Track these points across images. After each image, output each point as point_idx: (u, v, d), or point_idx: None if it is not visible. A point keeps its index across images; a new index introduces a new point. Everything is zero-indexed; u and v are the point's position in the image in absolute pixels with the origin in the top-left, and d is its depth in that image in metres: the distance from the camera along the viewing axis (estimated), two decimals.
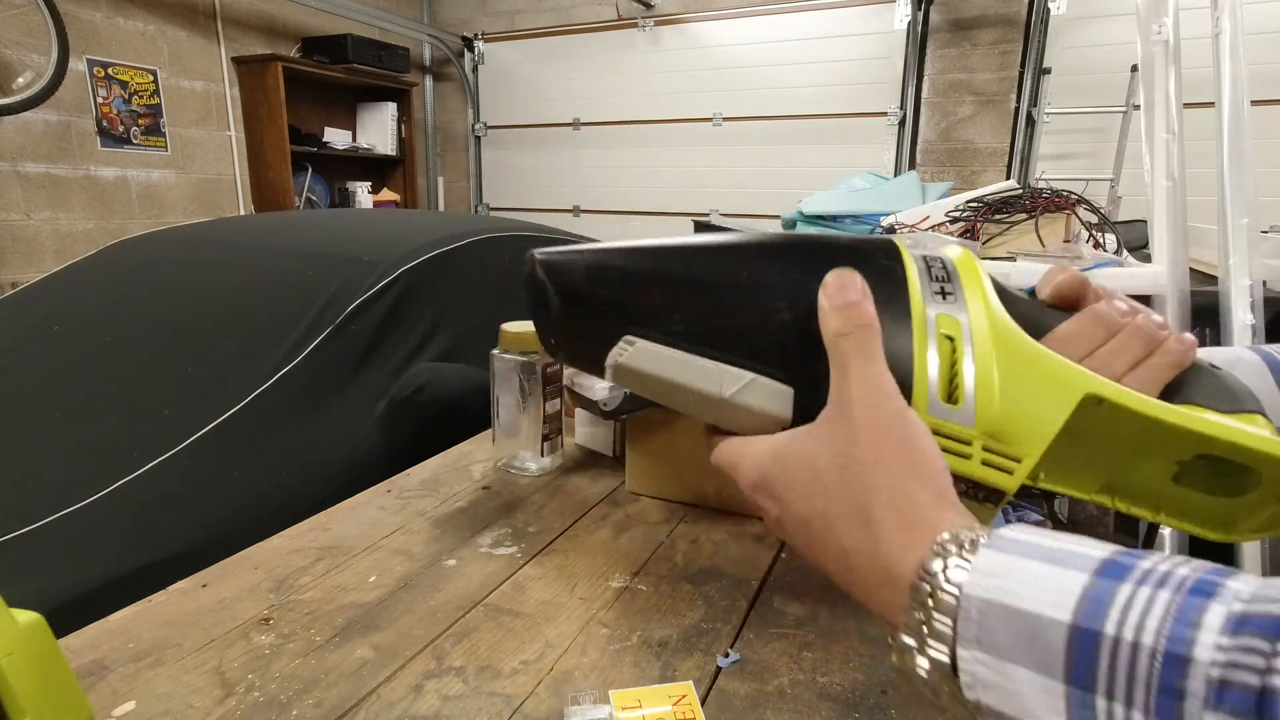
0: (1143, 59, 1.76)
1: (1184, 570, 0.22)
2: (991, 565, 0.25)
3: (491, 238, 1.67)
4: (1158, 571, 0.23)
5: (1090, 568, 0.23)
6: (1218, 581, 0.22)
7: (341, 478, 1.18)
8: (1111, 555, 0.24)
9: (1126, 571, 0.23)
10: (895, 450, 0.30)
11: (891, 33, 4.04)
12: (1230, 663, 0.19)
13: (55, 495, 1.03)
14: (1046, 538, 0.26)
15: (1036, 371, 0.34)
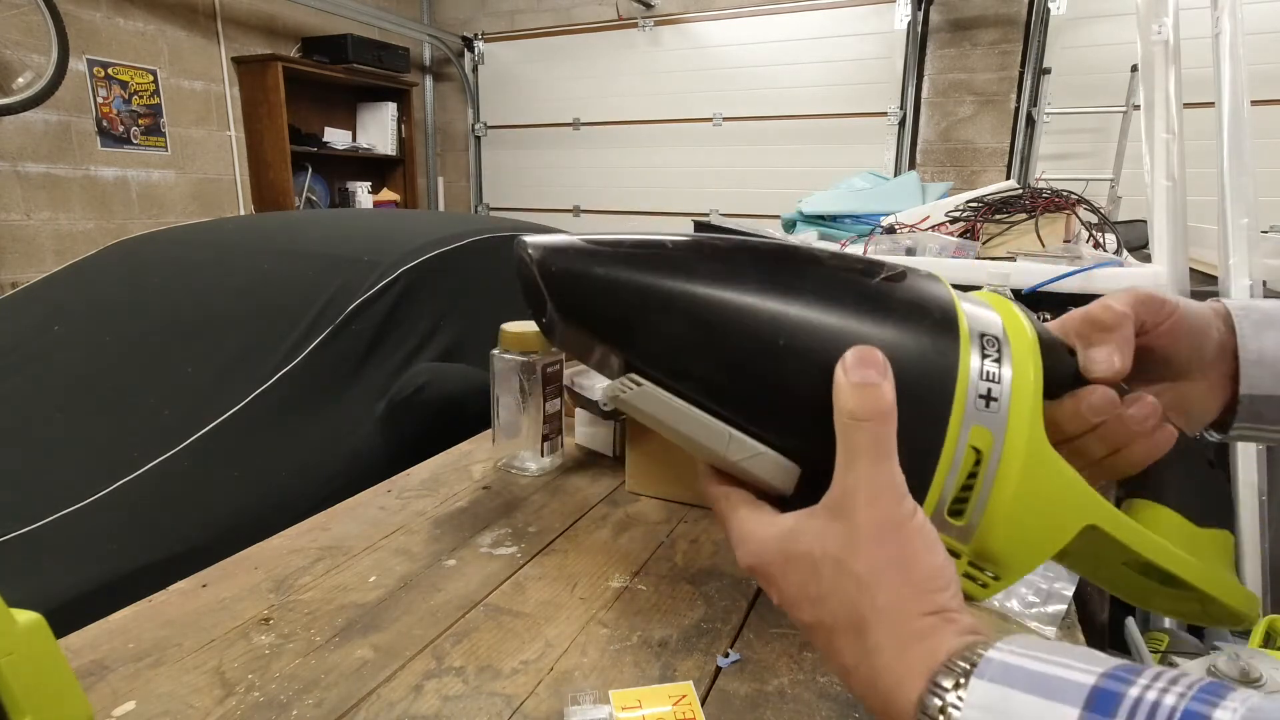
0: (1143, 59, 1.75)
1: (1171, 699, 0.22)
2: (984, 699, 0.25)
3: (491, 238, 1.67)
4: (1146, 703, 0.22)
5: (1080, 700, 0.23)
6: (1206, 714, 0.21)
7: (341, 478, 1.18)
8: (1100, 682, 0.23)
9: (1116, 704, 0.23)
10: (896, 563, 0.29)
11: (891, 33, 4.04)
12: None
13: (55, 495, 1.03)
14: (1036, 659, 0.25)
15: (1049, 499, 0.32)
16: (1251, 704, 0.21)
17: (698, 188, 4.67)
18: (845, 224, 2.00)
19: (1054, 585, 0.70)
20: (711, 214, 4.55)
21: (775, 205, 3.79)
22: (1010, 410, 0.31)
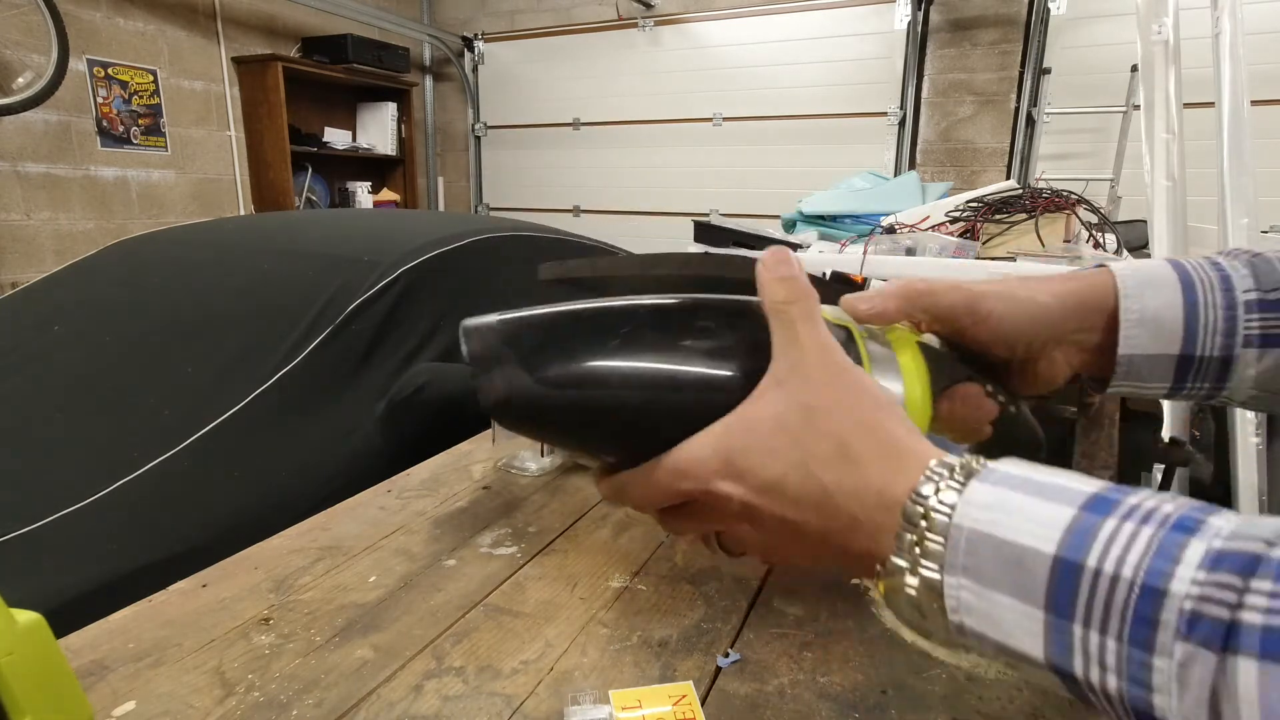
0: (1143, 59, 1.75)
1: (1169, 507, 0.23)
2: (982, 497, 0.26)
3: (491, 238, 1.67)
4: (1143, 507, 0.23)
5: (1078, 502, 0.24)
6: (1200, 519, 0.22)
7: (341, 478, 1.18)
8: (1100, 490, 0.25)
9: (1113, 507, 0.23)
10: (857, 393, 0.31)
11: (891, 33, 4.04)
12: (1204, 596, 0.20)
13: (55, 495, 1.03)
14: (1037, 471, 0.26)
15: None
16: (1244, 517, 0.22)
17: (698, 188, 4.67)
18: (845, 224, 2.00)
19: None
20: (711, 214, 4.55)
21: (775, 205, 3.79)
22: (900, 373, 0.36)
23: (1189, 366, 0.40)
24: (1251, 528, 0.21)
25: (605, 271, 0.93)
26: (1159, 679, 0.21)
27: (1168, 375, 0.41)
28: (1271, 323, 0.39)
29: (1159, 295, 0.40)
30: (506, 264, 1.66)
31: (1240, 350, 0.40)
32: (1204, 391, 0.41)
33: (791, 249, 1.95)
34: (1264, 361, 0.40)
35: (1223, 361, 0.40)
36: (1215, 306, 0.39)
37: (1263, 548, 0.20)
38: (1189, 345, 0.40)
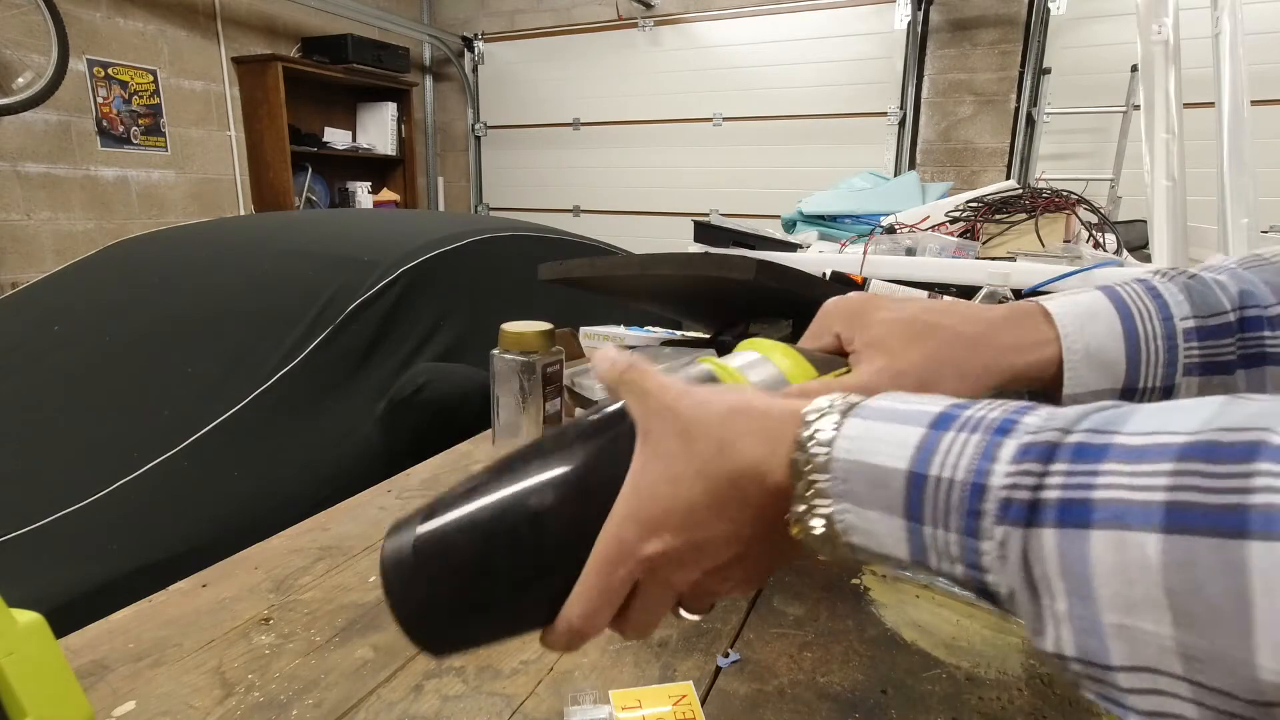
0: (1143, 59, 1.76)
1: (996, 413, 0.26)
2: (853, 430, 0.29)
3: (491, 238, 1.67)
4: (974, 417, 0.26)
5: (925, 421, 0.27)
6: (1016, 419, 0.25)
7: (341, 478, 1.18)
8: (945, 409, 0.27)
9: (952, 421, 0.27)
10: (711, 398, 0.32)
11: (891, 33, 4.04)
12: (1013, 485, 0.24)
13: (55, 495, 1.03)
14: (903, 400, 0.29)
15: None
16: (1052, 409, 0.25)
17: (698, 188, 4.67)
18: (845, 224, 2.00)
19: None
20: (711, 214, 4.55)
21: (775, 205, 3.79)
22: None
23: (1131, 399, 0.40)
24: (1052, 419, 0.24)
25: (605, 271, 0.93)
26: (987, 560, 0.24)
27: None
28: (1212, 351, 0.39)
29: (1099, 329, 0.39)
30: (506, 264, 1.66)
31: (1181, 379, 0.39)
32: None
33: (791, 249, 1.96)
34: (1206, 391, 0.39)
35: (1165, 390, 0.39)
36: (1155, 337, 0.39)
37: (1059, 436, 0.24)
38: (1132, 379, 0.39)
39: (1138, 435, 0.22)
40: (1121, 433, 0.23)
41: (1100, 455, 0.22)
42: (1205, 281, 0.39)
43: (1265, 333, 0.38)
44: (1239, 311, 0.38)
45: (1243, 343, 0.38)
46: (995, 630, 0.64)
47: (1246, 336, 0.38)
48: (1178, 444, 0.21)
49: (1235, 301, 0.38)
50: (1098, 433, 0.23)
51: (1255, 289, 0.39)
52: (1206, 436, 0.20)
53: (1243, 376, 0.39)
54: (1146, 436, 0.22)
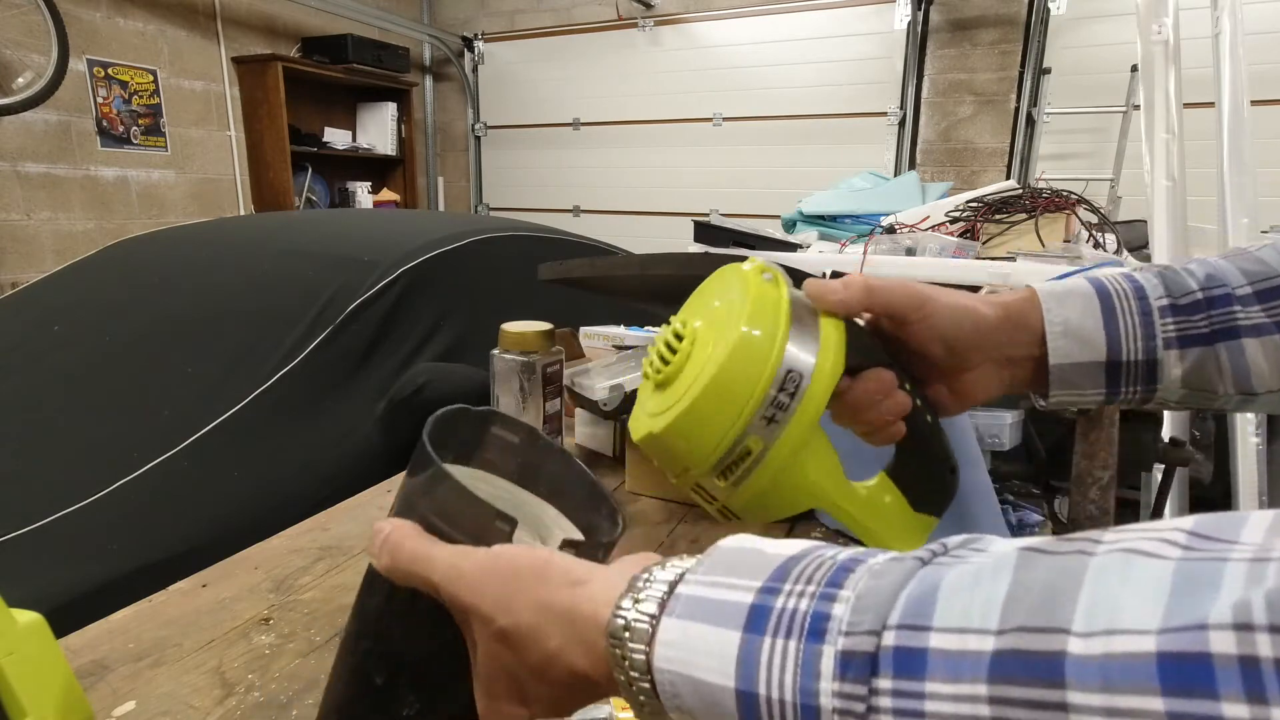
0: (1143, 59, 1.75)
1: (805, 603, 0.24)
2: (670, 635, 0.26)
3: (491, 238, 1.67)
4: (787, 611, 0.24)
5: (740, 622, 0.25)
6: (826, 612, 0.24)
7: (341, 478, 1.18)
8: (755, 598, 0.25)
9: (765, 619, 0.25)
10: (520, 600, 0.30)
11: (891, 33, 4.04)
12: (844, 710, 0.22)
13: (55, 495, 1.03)
14: (715, 584, 0.27)
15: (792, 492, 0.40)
16: (859, 591, 0.23)
17: (698, 188, 4.67)
18: (845, 224, 2.00)
19: None
20: (711, 214, 4.54)
21: (775, 205, 3.79)
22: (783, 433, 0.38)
23: (1118, 372, 0.43)
24: (864, 613, 0.23)
25: (605, 271, 0.93)
26: None
27: (1100, 382, 0.43)
28: (1186, 325, 0.42)
29: (1076, 306, 0.43)
30: (506, 264, 1.66)
31: (1162, 353, 0.42)
32: (1138, 395, 0.44)
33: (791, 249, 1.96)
34: (1186, 361, 0.42)
35: (1148, 364, 0.43)
36: (1131, 313, 0.42)
37: (873, 642, 0.22)
38: (1114, 351, 0.42)
39: (949, 633, 0.21)
40: (933, 629, 0.22)
41: (920, 668, 0.21)
42: (1175, 269, 0.44)
43: (1236, 308, 0.42)
44: (1205, 291, 0.42)
45: (1212, 319, 0.42)
46: None
47: (1215, 313, 0.42)
48: (987, 655, 0.20)
49: (1201, 283, 0.43)
50: (912, 630, 0.22)
51: (1224, 273, 0.43)
52: (1010, 643, 0.20)
53: (1224, 349, 0.42)
54: (957, 636, 0.21)
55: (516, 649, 0.30)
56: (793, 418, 0.37)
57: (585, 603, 0.29)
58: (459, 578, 0.31)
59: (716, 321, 0.40)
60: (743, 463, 0.38)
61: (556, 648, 0.29)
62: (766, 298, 0.39)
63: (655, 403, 0.41)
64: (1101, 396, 0.44)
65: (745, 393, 0.37)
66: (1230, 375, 0.42)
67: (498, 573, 0.31)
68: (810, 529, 0.79)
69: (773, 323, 0.38)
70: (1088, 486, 0.95)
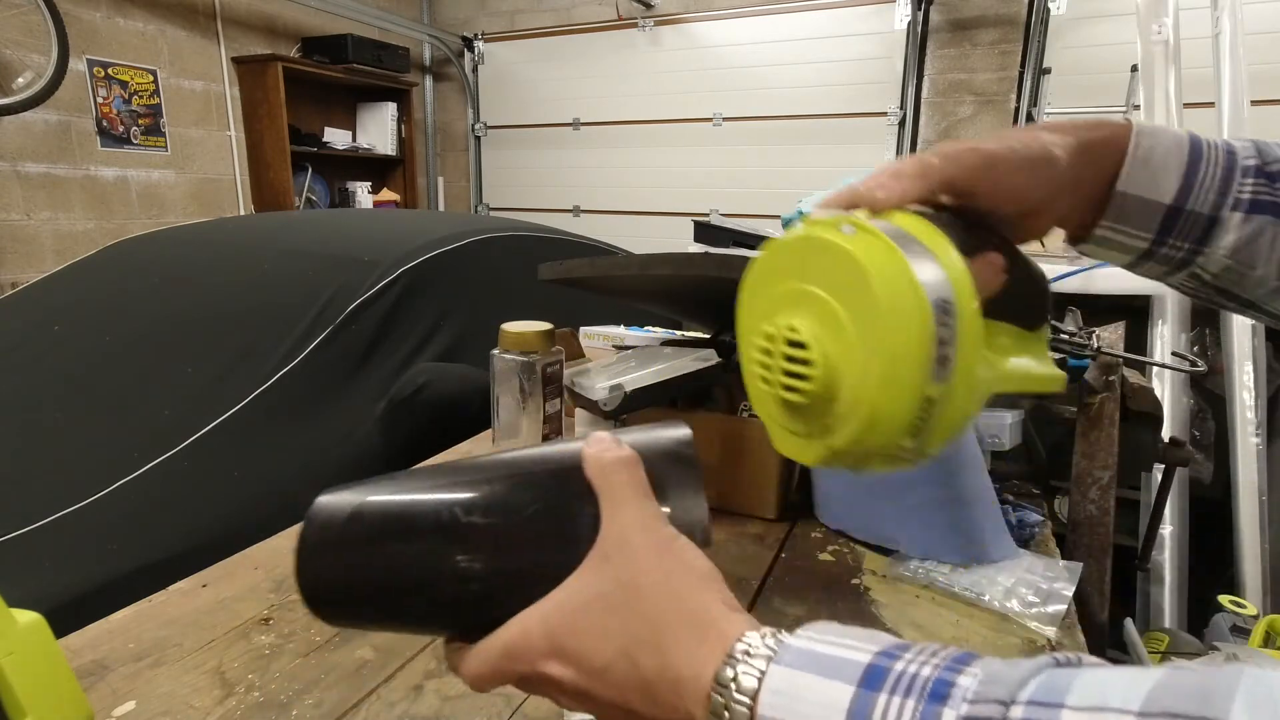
0: (1143, 59, 1.75)
1: (927, 669, 0.25)
2: (778, 683, 0.27)
3: (491, 238, 1.67)
4: (907, 675, 0.25)
5: (856, 677, 0.25)
6: (951, 680, 0.24)
7: (341, 478, 1.18)
8: (874, 659, 0.26)
9: (883, 679, 0.25)
10: (675, 569, 0.31)
11: (891, 33, 4.04)
12: None
13: (55, 495, 1.03)
14: (827, 641, 0.27)
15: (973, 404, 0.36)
16: (990, 669, 0.24)
17: (698, 188, 4.66)
18: None
19: (1054, 585, 0.70)
20: (711, 214, 4.54)
21: (775, 205, 3.79)
22: (956, 363, 0.34)
23: (1176, 219, 0.41)
24: (993, 686, 0.23)
25: (605, 271, 0.93)
26: None
27: (1153, 225, 0.42)
28: (1263, 190, 0.41)
29: (1168, 138, 0.41)
30: (506, 264, 1.66)
31: (1228, 212, 0.41)
32: (1181, 254, 0.42)
33: None
34: (1245, 228, 0.41)
35: (1209, 221, 0.41)
36: (1216, 164, 0.41)
37: (999, 711, 0.22)
38: (1183, 196, 0.41)
39: (1084, 711, 0.21)
40: (1066, 706, 0.21)
41: None
42: (1271, 145, 0.42)
43: None
44: None
45: None
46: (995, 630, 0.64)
47: None
48: None
49: None
50: (1043, 706, 0.21)
51: None
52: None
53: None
54: (1092, 715, 0.20)
55: (632, 600, 0.31)
56: (958, 341, 0.33)
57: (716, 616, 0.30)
58: (639, 518, 0.32)
59: (829, 307, 0.35)
60: (928, 413, 0.34)
61: (669, 638, 0.30)
62: (871, 247, 0.33)
63: (806, 420, 0.37)
64: (1145, 244, 0.42)
65: (915, 359, 0.32)
66: (1277, 256, 0.41)
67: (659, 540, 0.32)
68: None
69: (896, 267, 0.33)
70: (1088, 486, 0.95)
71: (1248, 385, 1.77)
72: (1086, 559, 0.94)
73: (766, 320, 0.37)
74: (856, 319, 0.33)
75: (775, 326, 0.36)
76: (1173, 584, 1.76)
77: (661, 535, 0.32)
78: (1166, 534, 1.78)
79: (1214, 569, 1.81)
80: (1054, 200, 0.41)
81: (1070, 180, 0.41)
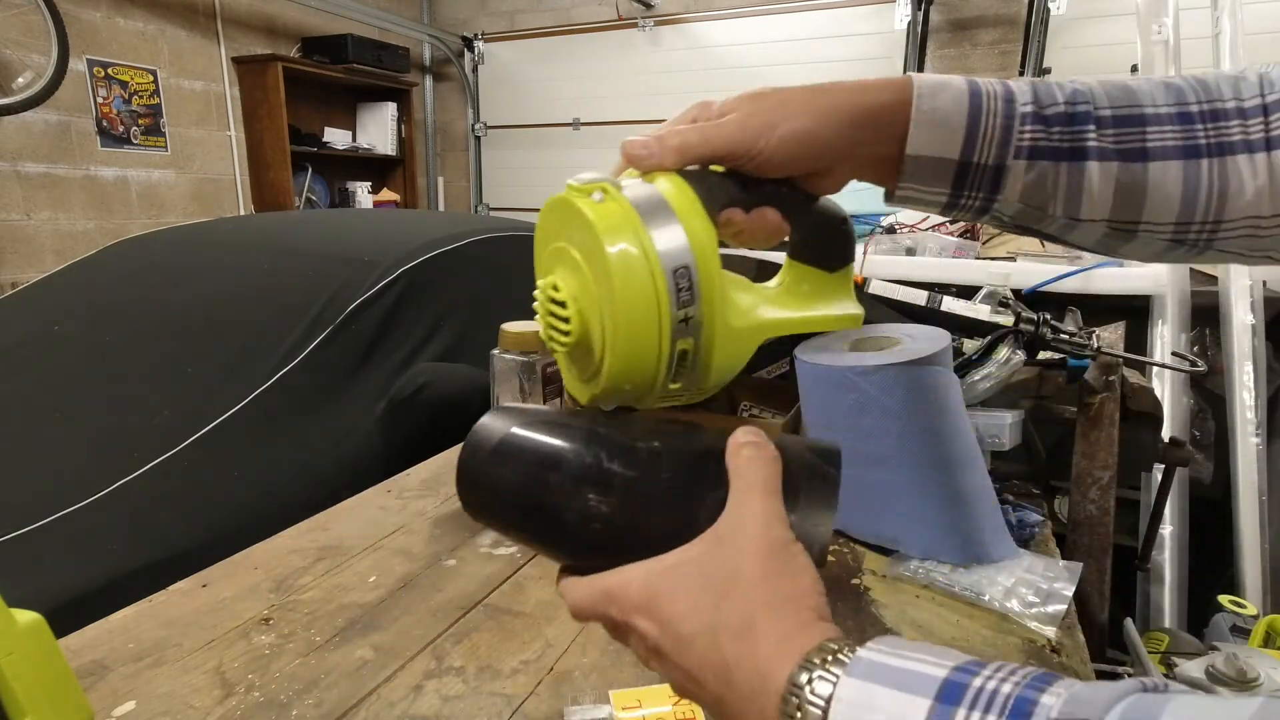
0: (1143, 59, 1.76)
1: (1008, 687, 0.25)
2: (851, 694, 0.27)
3: (491, 238, 1.67)
4: (987, 691, 0.25)
5: (932, 692, 0.26)
6: (1034, 699, 0.24)
7: (341, 478, 1.18)
8: (950, 674, 0.26)
9: (962, 693, 0.25)
10: (781, 571, 0.32)
11: (891, 33, 4.04)
12: None
13: (55, 495, 1.03)
14: (899, 655, 0.28)
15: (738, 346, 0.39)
16: (1074, 691, 0.24)
17: None
18: None
19: (1054, 585, 0.70)
20: None
21: None
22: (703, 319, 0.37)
23: (966, 174, 0.42)
24: (1078, 706, 0.23)
25: None
26: None
27: (946, 181, 0.42)
28: (1040, 136, 0.41)
29: (948, 96, 0.41)
30: (506, 264, 1.66)
31: (1011, 161, 0.41)
32: (977, 203, 0.43)
33: None
34: (1030, 174, 0.42)
35: (996, 170, 0.42)
36: (995, 114, 0.41)
37: None
38: (968, 151, 0.41)
39: None
40: None
41: None
42: (1050, 85, 0.43)
43: (1089, 128, 0.41)
44: (1070, 105, 0.41)
45: (1066, 135, 0.41)
46: (996, 630, 0.64)
47: (1072, 130, 0.41)
48: None
49: (1068, 96, 0.42)
50: None
51: (1091, 92, 0.42)
52: None
53: (1065, 168, 0.41)
54: None
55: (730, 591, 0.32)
56: (702, 302, 0.37)
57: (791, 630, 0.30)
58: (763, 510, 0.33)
59: (580, 267, 0.38)
60: (685, 362, 0.38)
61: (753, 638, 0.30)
62: (610, 214, 0.36)
63: (579, 366, 0.41)
64: (944, 199, 0.43)
65: (651, 316, 0.36)
66: (1064, 196, 0.42)
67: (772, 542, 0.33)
68: None
69: (631, 234, 0.36)
70: (1088, 486, 0.95)
71: (1248, 385, 1.77)
72: (1086, 559, 0.94)
73: (541, 276, 0.41)
74: (599, 281, 0.36)
75: (545, 282, 0.40)
76: (1173, 584, 1.76)
77: (776, 535, 0.33)
78: (1166, 534, 1.78)
79: (1214, 569, 1.81)
80: (831, 167, 0.42)
81: (845, 147, 0.41)
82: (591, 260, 0.37)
